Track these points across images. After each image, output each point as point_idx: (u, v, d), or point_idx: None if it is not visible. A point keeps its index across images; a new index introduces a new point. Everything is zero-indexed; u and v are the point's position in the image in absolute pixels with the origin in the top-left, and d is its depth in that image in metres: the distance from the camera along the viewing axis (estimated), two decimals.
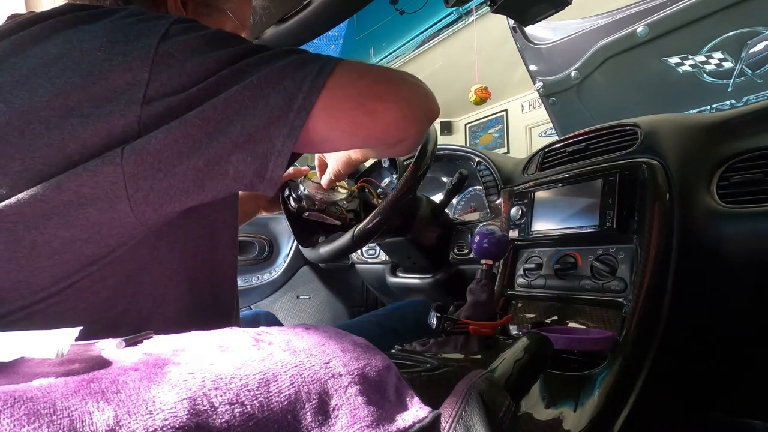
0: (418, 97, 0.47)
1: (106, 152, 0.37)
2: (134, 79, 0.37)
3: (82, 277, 0.40)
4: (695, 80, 1.38)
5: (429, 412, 0.33)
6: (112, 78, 0.37)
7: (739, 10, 1.20)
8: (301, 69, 0.41)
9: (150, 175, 0.38)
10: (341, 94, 0.42)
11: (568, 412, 0.64)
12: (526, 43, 1.72)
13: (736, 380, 0.84)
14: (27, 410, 0.20)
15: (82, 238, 0.38)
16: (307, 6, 1.09)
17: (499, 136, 4.01)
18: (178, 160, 0.38)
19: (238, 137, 0.39)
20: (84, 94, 0.37)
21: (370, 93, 0.44)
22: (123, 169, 0.37)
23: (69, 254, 0.38)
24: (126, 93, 0.37)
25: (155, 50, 0.38)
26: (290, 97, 0.40)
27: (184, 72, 0.38)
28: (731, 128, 0.78)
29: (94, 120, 0.36)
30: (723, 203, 0.71)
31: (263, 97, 0.40)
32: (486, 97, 2.14)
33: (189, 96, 0.38)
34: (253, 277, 1.69)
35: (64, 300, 0.39)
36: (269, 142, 0.40)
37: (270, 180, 0.42)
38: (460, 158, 1.26)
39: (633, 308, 0.70)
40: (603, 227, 0.76)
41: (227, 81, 0.39)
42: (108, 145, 0.37)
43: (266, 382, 0.28)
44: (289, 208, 0.81)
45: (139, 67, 0.37)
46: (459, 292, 0.84)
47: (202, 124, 0.38)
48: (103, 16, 0.41)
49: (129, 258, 0.42)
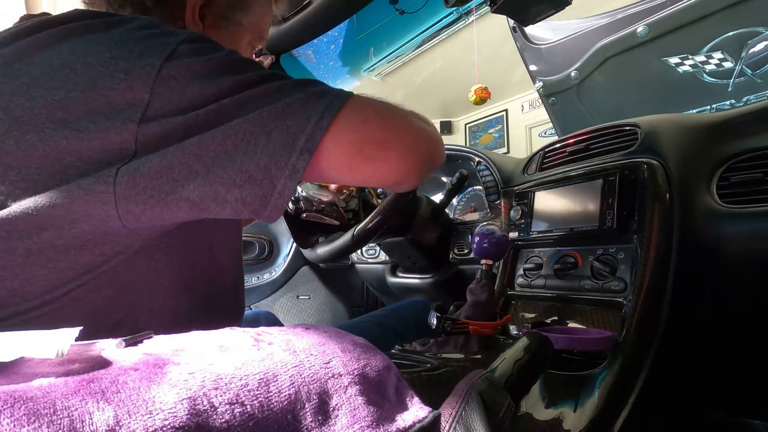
0: (422, 146, 0.46)
1: (103, 169, 0.36)
2: (134, 98, 0.36)
3: (77, 285, 0.39)
4: (695, 80, 1.38)
5: (429, 412, 0.33)
6: (112, 95, 0.36)
7: (739, 10, 1.20)
8: (306, 109, 0.40)
9: (142, 201, 0.37)
10: (343, 139, 0.41)
11: (568, 412, 0.64)
12: (526, 43, 1.72)
13: (736, 380, 0.84)
14: (27, 410, 0.20)
15: (76, 246, 0.38)
16: (307, 6, 1.09)
17: (499, 136, 4.01)
18: (172, 188, 0.37)
19: (236, 175, 0.38)
20: (82, 108, 0.36)
21: (372, 140, 0.42)
22: (115, 190, 0.36)
23: (63, 262, 0.38)
24: (125, 111, 0.36)
25: (158, 71, 0.37)
26: (293, 137, 0.39)
27: (185, 96, 0.38)
28: (731, 128, 0.78)
29: (90, 135, 0.36)
30: (723, 203, 0.71)
31: (265, 134, 0.38)
32: (486, 97, 2.14)
33: (187, 120, 0.37)
34: (253, 277, 1.69)
35: (60, 308, 0.39)
36: (270, 183, 0.39)
37: (269, 217, 0.41)
38: (460, 158, 1.26)
39: (633, 308, 0.70)
40: (603, 227, 0.76)
41: (229, 110, 0.38)
42: (105, 161, 0.36)
43: (266, 382, 0.28)
44: (288, 210, 0.81)
45: (140, 87, 0.37)
46: (459, 292, 0.84)
47: (201, 154, 0.37)
48: (113, 26, 0.40)
49: (125, 268, 0.42)
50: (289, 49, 1.34)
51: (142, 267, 0.43)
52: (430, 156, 0.48)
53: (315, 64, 3.43)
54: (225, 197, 0.39)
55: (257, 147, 0.38)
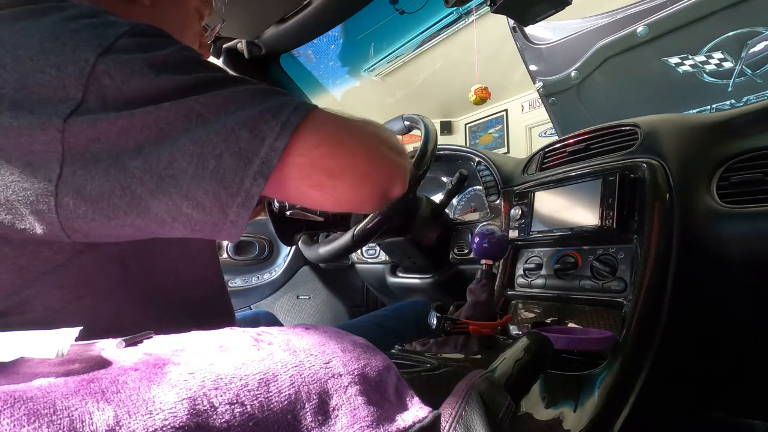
0: (377, 176, 0.42)
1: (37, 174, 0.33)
2: (66, 96, 0.33)
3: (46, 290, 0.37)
4: (695, 80, 1.38)
5: (429, 412, 0.33)
6: (44, 93, 0.33)
7: (739, 10, 1.20)
8: (260, 126, 0.36)
9: (85, 223, 0.34)
10: (291, 162, 0.37)
11: (568, 412, 0.64)
12: (526, 43, 1.72)
13: (736, 380, 0.84)
14: (27, 410, 0.20)
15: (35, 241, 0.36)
16: (307, 6, 1.09)
17: (499, 136, 4.01)
18: (114, 214, 0.34)
19: (182, 202, 0.34)
20: (8, 106, 0.33)
21: (321, 166, 0.38)
22: (57, 211, 0.33)
23: (23, 259, 0.36)
24: (51, 107, 0.32)
25: (92, 67, 0.33)
26: (247, 161, 0.35)
27: (121, 95, 0.34)
28: (731, 128, 0.78)
29: (14, 132, 0.32)
30: (723, 203, 0.71)
31: (215, 156, 0.34)
32: (486, 97, 2.13)
33: (120, 119, 0.33)
34: (253, 277, 1.69)
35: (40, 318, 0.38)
36: (221, 212, 0.35)
37: (228, 239, 0.37)
38: (460, 158, 1.26)
39: (633, 308, 0.70)
40: (603, 227, 0.76)
41: (171, 118, 0.34)
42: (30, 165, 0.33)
43: (266, 382, 0.28)
44: (273, 210, 0.81)
45: (72, 84, 0.33)
46: (459, 292, 0.84)
47: (144, 178, 0.33)
48: (47, 14, 0.36)
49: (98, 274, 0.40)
50: (289, 49, 1.34)
51: (117, 274, 0.41)
52: (388, 185, 0.44)
53: (315, 64, 3.43)
54: (171, 225, 0.36)
55: (205, 172, 0.34)
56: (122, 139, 0.33)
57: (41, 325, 0.36)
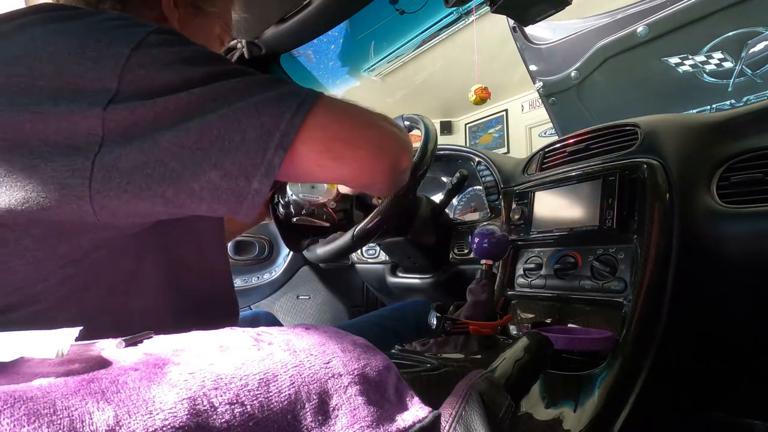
0: (390, 147, 0.47)
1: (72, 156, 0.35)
2: (103, 86, 0.36)
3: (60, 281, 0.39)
4: (695, 80, 1.38)
5: (429, 412, 0.33)
6: (81, 83, 0.36)
7: (739, 10, 1.20)
8: (279, 106, 0.40)
9: (116, 195, 0.36)
10: (312, 136, 0.41)
11: (568, 412, 0.64)
12: (526, 43, 1.72)
13: (736, 380, 0.84)
14: (27, 410, 0.20)
15: (53, 236, 0.38)
16: (307, 6, 1.09)
17: (499, 136, 4.01)
18: (147, 184, 0.37)
19: (211, 172, 0.38)
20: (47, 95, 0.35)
21: (340, 138, 0.43)
22: (90, 185, 0.35)
23: (41, 252, 0.38)
24: (91, 97, 0.36)
25: (127, 59, 0.36)
26: (268, 134, 0.38)
27: (154, 83, 0.37)
28: (731, 128, 0.78)
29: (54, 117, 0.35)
30: (723, 203, 0.71)
31: (240, 131, 0.38)
32: (486, 97, 2.13)
33: (155, 106, 0.36)
34: (253, 277, 1.69)
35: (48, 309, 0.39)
36: (246, 180, 0.39)
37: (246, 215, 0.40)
38: (460, 158, 1.26)
39: (633, 308, 0.70)
40: (603, 227, 0.76)
41: (200, 102, 0.38)
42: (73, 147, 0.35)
43: (266, 382, 0.28)
44: (279, 216, 0.81)
45: (108, 75, 0.36)
46: (459, 292, 0.84)
47: (175, 150, 0.37)
48: (78, 17, 0.40)
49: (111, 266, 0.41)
50: (289, 49, 1.34)
51: (129, 266, 0.43)
52: (398, 157, 0.49)
53: (315, 64, 3.43)
54: (200, 194, 0.38)
55: (232, 144, 0.38)
56: (157, 121, 0.37)
57: (48, 316, 0.38)
